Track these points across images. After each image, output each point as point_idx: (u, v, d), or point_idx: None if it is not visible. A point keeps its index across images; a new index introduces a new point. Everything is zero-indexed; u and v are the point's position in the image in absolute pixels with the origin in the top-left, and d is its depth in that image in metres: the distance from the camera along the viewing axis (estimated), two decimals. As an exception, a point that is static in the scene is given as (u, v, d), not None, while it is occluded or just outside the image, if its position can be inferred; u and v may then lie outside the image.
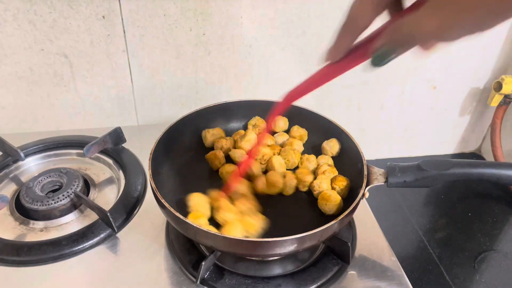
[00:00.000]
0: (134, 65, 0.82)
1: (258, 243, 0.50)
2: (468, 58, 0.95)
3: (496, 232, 0.88)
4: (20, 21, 0.73)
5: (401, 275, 0.58)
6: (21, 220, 0.65)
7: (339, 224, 0.51)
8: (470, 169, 0.52)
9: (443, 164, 0.53)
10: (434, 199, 0.97)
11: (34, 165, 0.77)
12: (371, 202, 0.70)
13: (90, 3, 0.73)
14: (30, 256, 0.57)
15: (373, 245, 0.63)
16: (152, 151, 0.59)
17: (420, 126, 1.06)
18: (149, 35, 0.79)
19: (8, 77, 0.79)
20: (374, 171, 0.57)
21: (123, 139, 0.77)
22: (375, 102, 0.99)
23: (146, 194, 0.70)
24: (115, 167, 0.76)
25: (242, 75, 0.88)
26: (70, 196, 0.66)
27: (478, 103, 1.04)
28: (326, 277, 0.56)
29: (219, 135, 0.70)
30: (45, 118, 0.86)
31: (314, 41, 0.85)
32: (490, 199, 0.98)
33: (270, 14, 0.80)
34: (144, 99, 0.88)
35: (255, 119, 0.73)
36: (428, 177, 0.53)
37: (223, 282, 0.55)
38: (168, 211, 0.51)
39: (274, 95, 0.91)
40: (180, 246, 0.59)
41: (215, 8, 0.78)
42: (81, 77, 0.81)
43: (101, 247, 0.60)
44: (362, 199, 0.55)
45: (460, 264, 0.80)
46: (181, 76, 0.86)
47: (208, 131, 0.70)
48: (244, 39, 0.83)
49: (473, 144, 1.14)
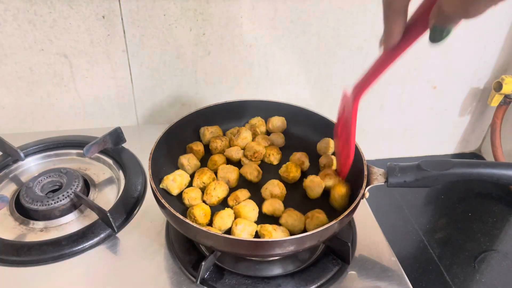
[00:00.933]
0: (134, 65, 0.82)
1: (258, 243, 0.50)
2: (468, 58, 0.95)
3: (496, 232, 0.88)
4: (20, 21, 0.73)
5: (401, 275, 0.58)
6: (21, 220, 0.65)
7: (339, 224, 0.51)
8: (470, 169, 0.52)
9: (443, 164, 0.53)
10: (434, 199, 0.97)
11: (34, 165, 0.77)
12: (371, 202, 0.70)
13: (90, 3, 0.73)
14: (30, 256, 0.57)
15: (373, 245, 0.63)
16: (152, 151, 0.59)
17: (420, 126, 1.06)
18: (149, 35, 0.79)
19: (8, 77, 0.79)
20: (374, 171, 0.57)
21: (123, 139, 0.77)
22: (375, 102, 0.99)
23: (146, 194, 0.70)
24: (115, 167, 0.76)
25: (242, 75, 0.88)
26: (70, 196, 0.66)
27: (478, 103, 1.04)
28: (326, 277, 0.56)
29: (217, 133, 0.70)
30: (45, 118, 0.86)
31: (314, 41, 0.85)
32: (490, 199, 0.98)
33: (270, 14, 0.80)
34: (144, 99, 0.88)
35: (256, 119, 0.73)
36: (428, 177, 0.53)
37: (223, 282, 0.55)
38: (168, 211, 0.51)
39: (274, 95, 0.92)
40: (180, 246, 0.59)
41: (215, 8, 0.78)
42: (81, 77, 0.81)
43: (101, 247, 0.60)
44: (362, 199, 0.55)
45: (460, 264, 0.80)
46: (181, 76, 0.86)
47: (206, 128, 0.70)
48: (244, 39, 0.83)
49: (473, 144, 1.14)
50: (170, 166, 0.66)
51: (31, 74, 0.79)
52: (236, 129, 0.72)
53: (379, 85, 0.94)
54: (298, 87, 0.92)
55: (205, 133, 0.70)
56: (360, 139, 0.63)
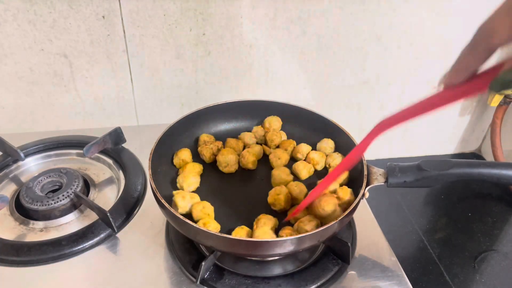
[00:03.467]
0: (134, 65, 0.82)
1: (258, 243, 0.50)
2: (468, 58, 0.95)
3: (496, 232, 0.88)
4: (20, 21, 0.73)
5: (401, 275, 0.58)
6: (21, 220, 0.65)
7: (339, 224, 0.51)
8: (470, 169, 0.52)
9: (443, 164, 0.53)
10: (434, 199, 0.97)
11: (34, 165, 0.77)
12: (371, 202, 0.70)
13: (90, 3, 0.73)
14: (30, 256, 0.57)
15: (373, 245, 0.63)
16: (152, 151, 0.59)
17: (420, 126, 1.06)
18: (149, 35, 0.79)
19: (8, 77, 0.79)
20: (374, 171, 0.57)
21: (123, 139, 0.77)
22: (375, 102, 0.99)
23: (146, 194, 0.70)
24: (115, 167, 0.76)
25: (242, 75, 0.88)
26: (70, 196, 0.66)
27: (478, 103, 1.04)
28: (326, 277, 0.56)
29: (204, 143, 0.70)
30: (45, 118, 0.86)
31: (314, 41, 0.86)
32: (490, 199, 0.98)
33: (270, 14, 0.80)
34: (144, 99, 0.88)
35: (257, 128, 0.73)
36: (428, 177, 0.53)
37: (223, 282, 0.55)
38: (168, 211, 0.51)
39: (274, 95, 0.92)
40: (180, 246, 0.59)
41: (215, 8, 0.78)
42: (81, 77, 0.81)
43: (101, 247, 0.60)
44: (362, 199, 0.55)
45: (460, 264, 0.80)
46: (181, 76, 0.86)
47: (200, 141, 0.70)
48: (244, 39, 0.83)
49: (473, 144, 1.14)
50: (170, 166, 0.66)
51: (31, 74, 0.79)
52: (247, 135, 0.72)
53: (379, 85, 0.95)
54: (298, 87, 0.92)
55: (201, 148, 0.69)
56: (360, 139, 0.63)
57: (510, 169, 0.51)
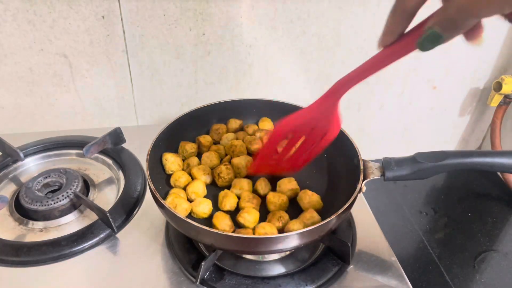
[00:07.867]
0: (134, 65, 0.82)
1: (258, 240, 0.50)
2: (468, 58, 0.95)
3: (496, 232, 0.88)
4: (20, 21, 0.73)
5: (401, 275, 0.58)
6: (21, 220, 0.65)
7: (337, 219, 0.51)
8: (464, 159, 0.52)
9: (438, 155, 0.53)
10: (434, 199, 0.97)
11: (33, 165, 0.77)
12: (371, 203, 0.70)
13: (89, 3, 0.73)
14: (29, 257, 0.57)
15: (373, 245, 0.63)
16: (149, 152, 0.59)
17: (420, 126, 1.06)
18: (149, 35, 0.79)
19: (8, 77, 0.79)
20: (370, 166, 0.57)
21: (122, 139, 0.77)
22: (375, 102, 0.99)
23: (146, 194, 0.70)
24: (115, 167, 0.76)
25: (242, 75, 0.88)
26: (70, 196, 0.66)
27: (478, 103, 1.04)
28: (326, 277, 0.56)
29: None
30: (45, 118, 0.86)
31: (314, 41, 0.85)
32: (490, 199, 0.98)
33: (270, 14, 0.80)
34: (144, 99, 0.88)
35: (252, 126, 0.73)
36: (424, 169, 0.53)
37: (223, 282, 0.54)
38: (167, 211, 0.51)
39: (274, 95, 0.92)
40: (180, 246, 0.59)
41: (215, 8, 0.78)
42: (81, 77, 0.81)
43: (101, 248, 0.60)
44: (360, 193, 0.55)
45: (460, 264, 0.80)
46: (181, 76, 0.86)
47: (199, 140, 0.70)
48: (244, 39, 0.83)
49: (473, 144, 1.14)
50: (170, 166, 0.65)
51: (31, 74, 0.79)
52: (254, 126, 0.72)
53: (379, 85, 0.95)
54: (298, 87, 0.92)
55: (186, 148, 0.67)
56: (360, 139, 0.64)
57: (503, 156, 0.52)
